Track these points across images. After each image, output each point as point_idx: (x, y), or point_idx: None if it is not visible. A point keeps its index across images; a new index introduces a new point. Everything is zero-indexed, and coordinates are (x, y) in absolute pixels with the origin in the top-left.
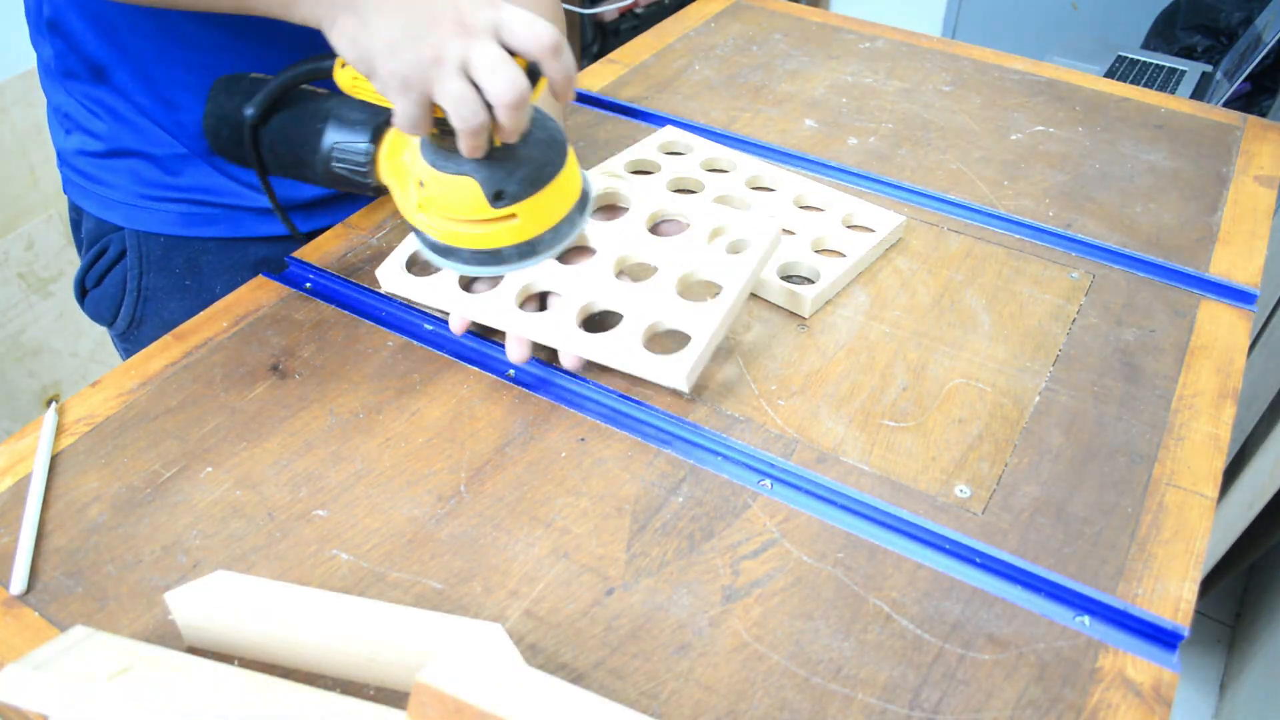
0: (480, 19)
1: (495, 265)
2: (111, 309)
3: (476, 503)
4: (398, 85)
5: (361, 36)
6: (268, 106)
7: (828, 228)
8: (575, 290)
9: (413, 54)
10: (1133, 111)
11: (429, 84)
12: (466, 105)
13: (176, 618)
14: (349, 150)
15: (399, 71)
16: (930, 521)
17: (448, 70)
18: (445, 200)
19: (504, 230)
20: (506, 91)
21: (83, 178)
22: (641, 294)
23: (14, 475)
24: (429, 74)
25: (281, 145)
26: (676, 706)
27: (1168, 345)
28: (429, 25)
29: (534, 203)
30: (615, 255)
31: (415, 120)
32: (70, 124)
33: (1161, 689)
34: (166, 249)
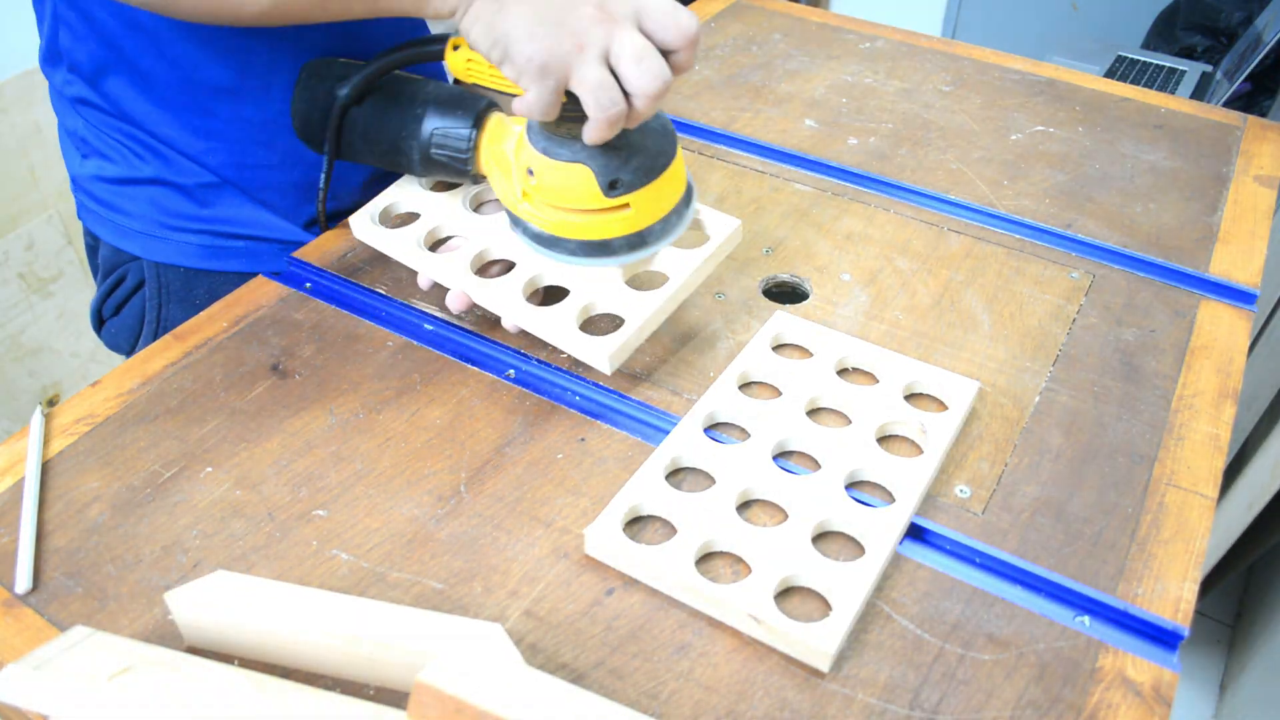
0: (622, 6)
1: (603, 257)
2: (130, 340)
3: (476, 503)
4: (535, 71)
5: (499, 21)
6: (363, 90)
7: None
8: (528, 264)
9: (553, 40)
10: (1133, 111)
11: (568, 70)
12: (607, 94)
13: (176, 618)
14: (451, 136)
15: (538, 57)
16: (930, 521)
17: (589, 57)
18: (557, 188)
19: (615, 220)
20: (651, 83)
21: (99, 204)
22: (589, 275)
23: (14, 475)
24: (569, 60)
25: (376, 130)
26: (676, 706)
27: (1168, 345)
28: (569, 10)
29: (647, 192)
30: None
31: (547, 106)
32: (86, 148)
33: (1161, 689)
34: (187, 280)
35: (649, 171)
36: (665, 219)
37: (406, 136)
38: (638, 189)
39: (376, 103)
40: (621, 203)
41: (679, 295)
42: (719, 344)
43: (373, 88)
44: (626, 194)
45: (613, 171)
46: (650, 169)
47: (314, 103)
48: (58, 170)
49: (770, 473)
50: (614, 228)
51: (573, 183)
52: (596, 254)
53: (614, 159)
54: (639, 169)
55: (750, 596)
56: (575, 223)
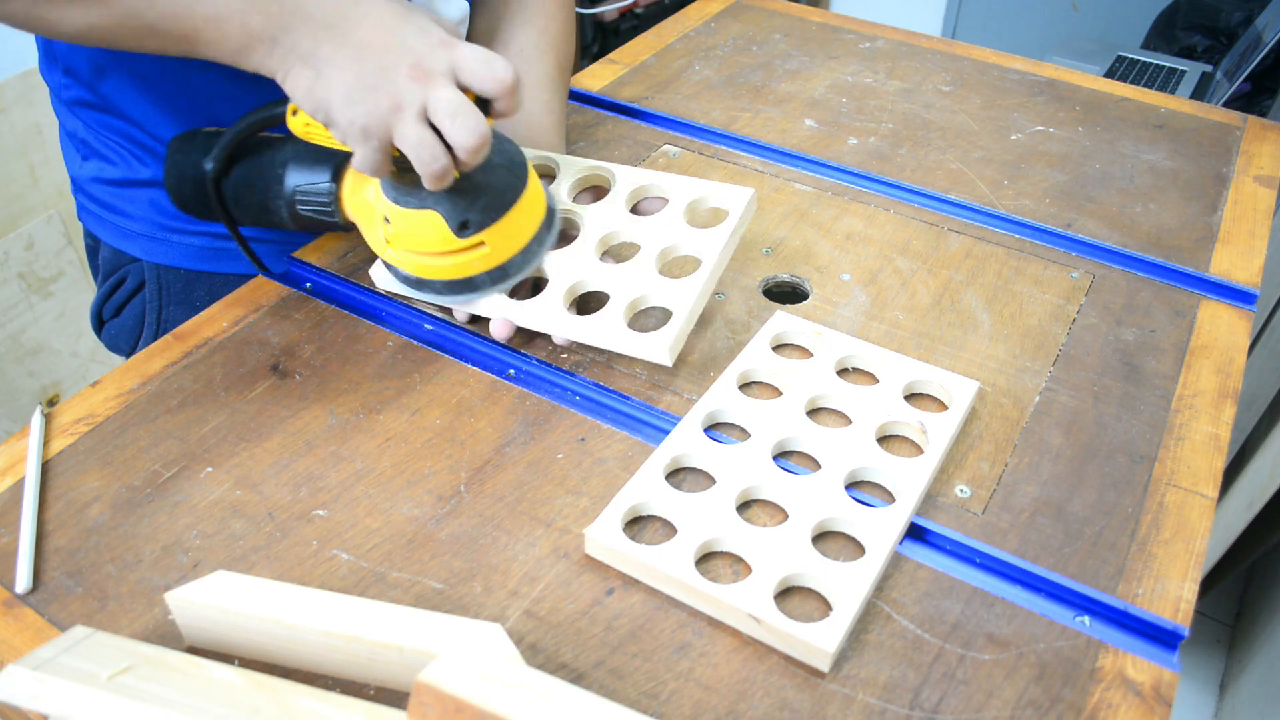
0: (437, 62)
1: (470, 293)
2: (130, 341)
3: (476, 503)
4: (357, 134)
5: (317, 88)
6: (226, 158)
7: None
8: (563, 274)
9: (371, 103)
10: (1133, 111)
11: (388, 131)
12: (427, 149)
13: (176, 618)
14: (312, 192)
15: (358, 121)
16: (930, 521)
17: (407, 116)
18: (411, 235)
19: (474, 259)
20: (468, 138)
21: (99, 206)
22: (625, 274)
23: (14, 475)
24: (388, 121)
25: (245, 195)
26: (676, 706)
27: (1168, 345)
28: (385, 73)
29: (500, 228)
30: (599, 236)
31: (376, 165)
32: (86, 150)
33: (1161, 689)
34: (187, 281)
35: (497, 208)
36: (525, 249)
37: (273, 196)
38: (489, 226)
39: (242, 168)
40: (476, 241)
41: (715, 274)
42: (719, 344)
43: (236, 154)
44: (478, 233)
45: (461, 213)
46: (499, 205)
47: (184, 178)
48: (58, 170)
49: (770, 473)
50: (474, 265)
51: (425, 228)
52: (462, 290)
53: (460, 201)
54: (487, 207)
55: (750, 596)
56: (436, 264)
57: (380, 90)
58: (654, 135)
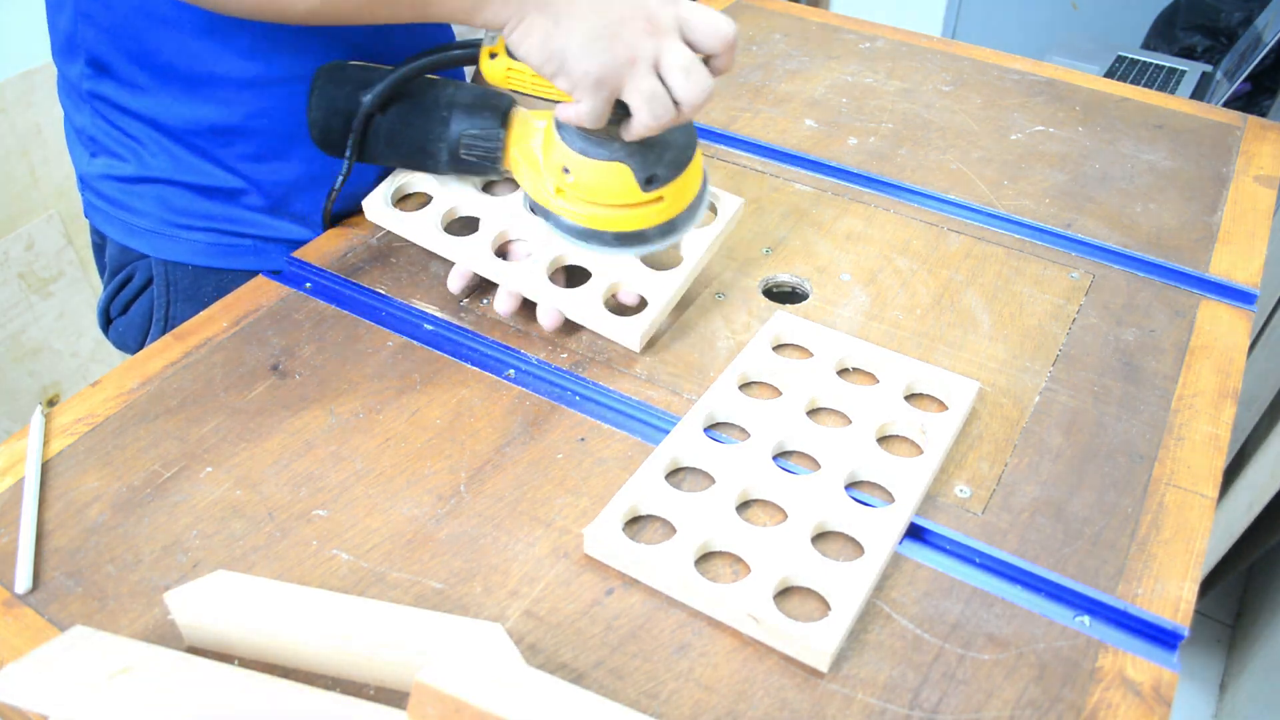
0: (667, 17)
1: (639, 245)
2: (137, 339)
3: (476, 503)
4: (591, 83)
5: (555, 36)
6: (388, 97)
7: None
8: (550, 246)
9: (608, 54)
10: (1133, 111)
11: (622, 82)
12: (659, 103)
13: (176, 618)
14: (481, 137)
15: (594, 71)
16: (930, 521)
17: (641, 70)
18: (595, 186)
19: (650, 212)
20: (699, 94)
21: (107, 202)
22: (609, 258)
23: (14, 475)
24: (623, 73)
25: (401, 134)
26: (676, 706)
27: (1168, 345)
28: (621, 25)
29: (678, 184)
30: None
31: (599, 115)
32: (95, 147)
33: (1161, 689)
34: (195, 278)
35: (680, 165)
36: (691, 205)
37: (434, 139)
38: (671, 181)
39: (401, 108)
40: (656, 196)
41: (695, 272)
42: (719, 344)
43: (397, 94)
44: (663, 186)
45: (649, 168)
46: (681, 162)
47: (333, 110)
48: (58, 170)
49: (770, 473)
50: (648, 218)
51: (611, 180)
52: (631, 244)
53: (649, 155)
54: (671, 163)
55: (750, 596)
56: (611, 216)
57: (618, 42)
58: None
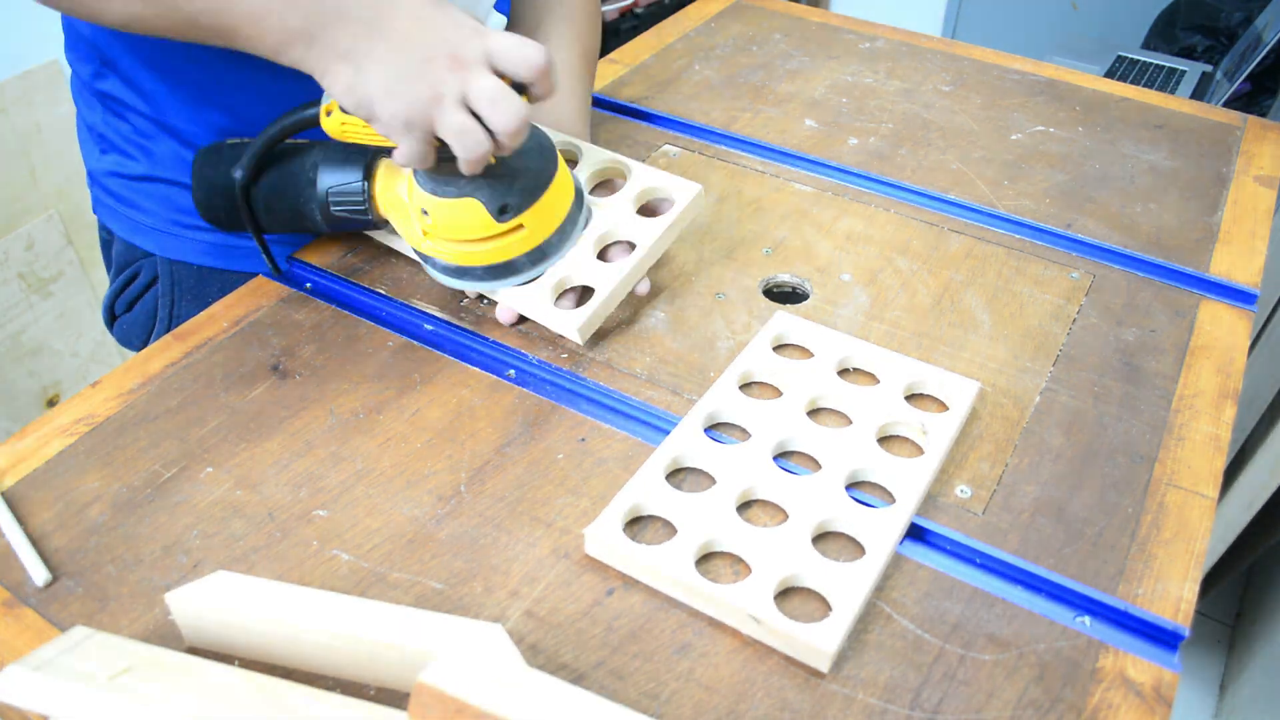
0: (472, 50)
1: (511, 276)
2: (142, 336)
3: (476, 503)
4: (400, 126)
5: (357, 83)
6: (256, 166)
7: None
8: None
9: (412, 94)
10: (1133, 111)
11: (430, 121)
12: (470, 136)
13: (176, 618)
14: (345, 192)
15: (400, 113)
16: (931, 521)
17: (448, 105)
18: (451, 224)
19: (513, 241)
20: (509, 122)
21: (114, 199)
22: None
23: (14, 475)
24: (430, 112)
25: (276, 201)
26: (677, 707)
27: (1168, 345)
28: (424, 64)
29: (537, 210)
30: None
31: (419, 155)
32: (105, 144)
33: (1162, 689)
34: (200, 278)
35: (534, 190)
36: (560, 229)
37: (305, 200)
38: (527, 209)
39: (272, 176)
40: (515, 224)
41: (645, 263)
42: (719, 344)
43: (265, 162)
44: (517, 215)
45: (500, 198)
46: (535, 187)
47: (214, 190)
48: (58, 170)
49: (770, 473)
50: (514, 248)
51: (465, 216)
52: (503, 275)
53: (499, 186)
54: (524, 190)
55: (750, 597)
56: (477, 251)
57: (421, 81)
58: (654, 135)
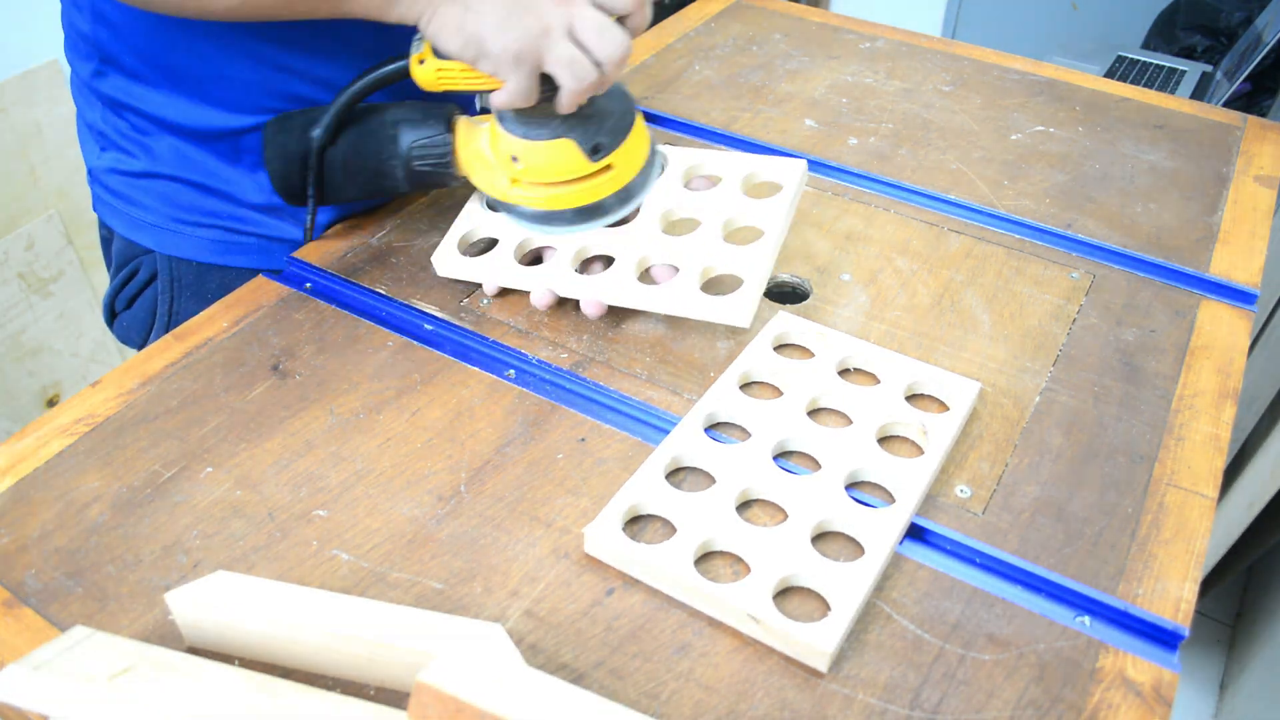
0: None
1: (599, 218)
2: (142, 333)
3: (476, 503)
4: (511, 60)
5: (468, 22)
6: (336, 127)
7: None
8: (630, 249)
9: (521, 28)
10: (1133, 111)
11: (540, 53)
12: (580, 66)
13: (176, 618)
14: (430, 145)
15: (511, 47)
16: (930, 521)
17: (556, 38)
18: (545, 166)
19: (603, 182)
20: (616, 50)
21: (114, 196)
22: (690, 245)
23: (14, 475)
24: (539, 44)
25: (356, 161)
26: (677, 706)
27: (1168, 345)
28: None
29: (625, 149)
30: (659, 213)
31: (527, 91)
32: (105, 142)
33: (1162, 689)
34: (199, 274)
35: (622, 130)
36: (643, 170)
37: (387, 158)
38: (616, 148)
39: (350, 137)
40: (605, 164)
41: (779, 242)
42: (719, 344)
43: (343, 124)
44: (608, 155)
45: (593, 137)
46: (622, 127)
47: (289, 156)
48: (58, 170)
49: (770, 473)
50: (602, 189)
51: (559, 157)
52: (591, 217)
53: (590, 126)
54: (614, 130)
55: (749, 596)
56: (567, 193)
57: (529, 15)
58: (654, 135)
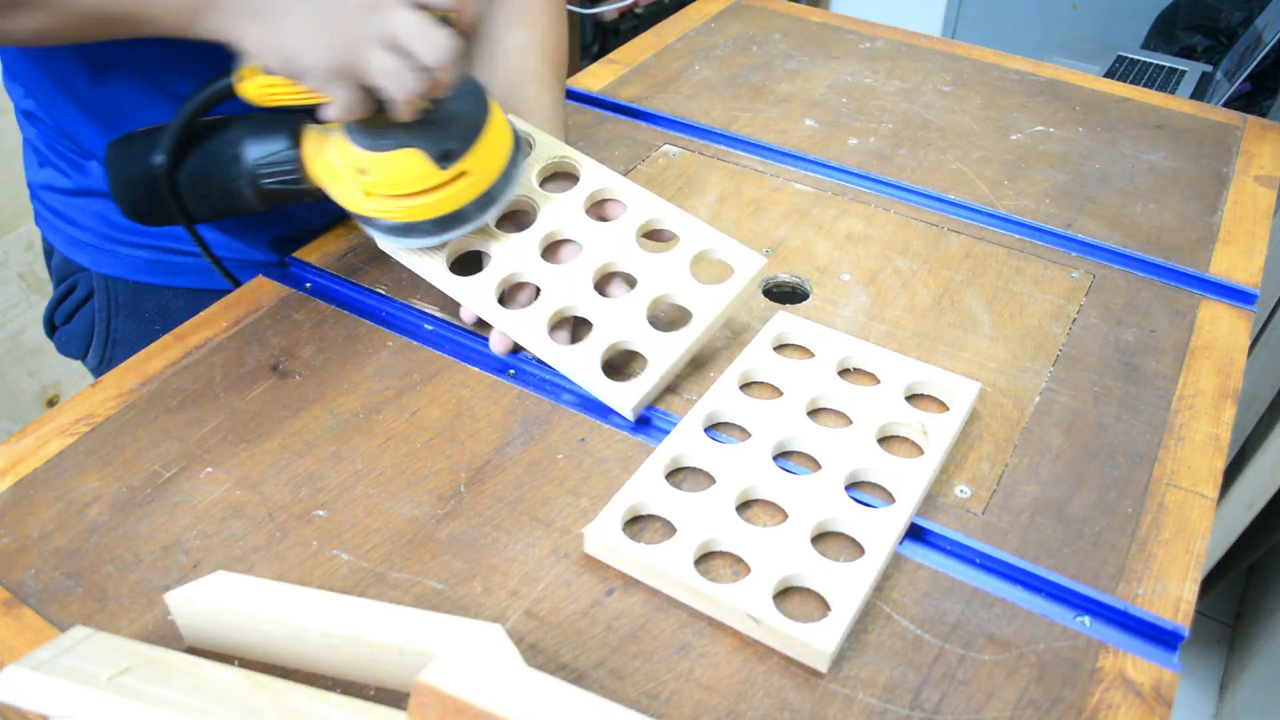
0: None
1: (460, 226)
2: (81, 347)
3: (476, 503)
4: (327, 76)
5: (274, 39)
6: (176, 149)
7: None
8: (556, 293)
9: (331, 42)
10: (1133, 111)
11: (357, 66)
12: (401, 76)
13: (176, 618)
14: (274, 162)
15: (324, 62)
16: (930, 521)
17: (372, 47)
18: (394, 178)
19: (459, 189)
20: (440, 54)
21: (51, 213)
22: (613, 310)
23: (14, 475)
24: (354, 56)
25: (203, 183)
26: (677, 707)
27: (1168, 345)
28: (338, 9)
29: (479, 152)
30: (601, 261)
31: (354, 105)
32: (41, 157)
33: (1162, 689)
34: (136, 293)
35: (473, 132)
36: (505, 173)
37: (234, 177)
38: (468, 152)
39: (196, 157)
40: (458, 171)
41: (704, 336)
42: (719, 344)
43: (186, 144)
44: (460, 160)
45: (440, 143)
46: (473, 130)
47: (132, 182)
48: None
49: (770, 473)
50: (460, 196)
51: (407, 167)
52: (453, 225)
53: (436, 131)
54: (464, 133)
55: (749, 596)
56: (422, 204)
57: (339, 26)
58: (654, 135)
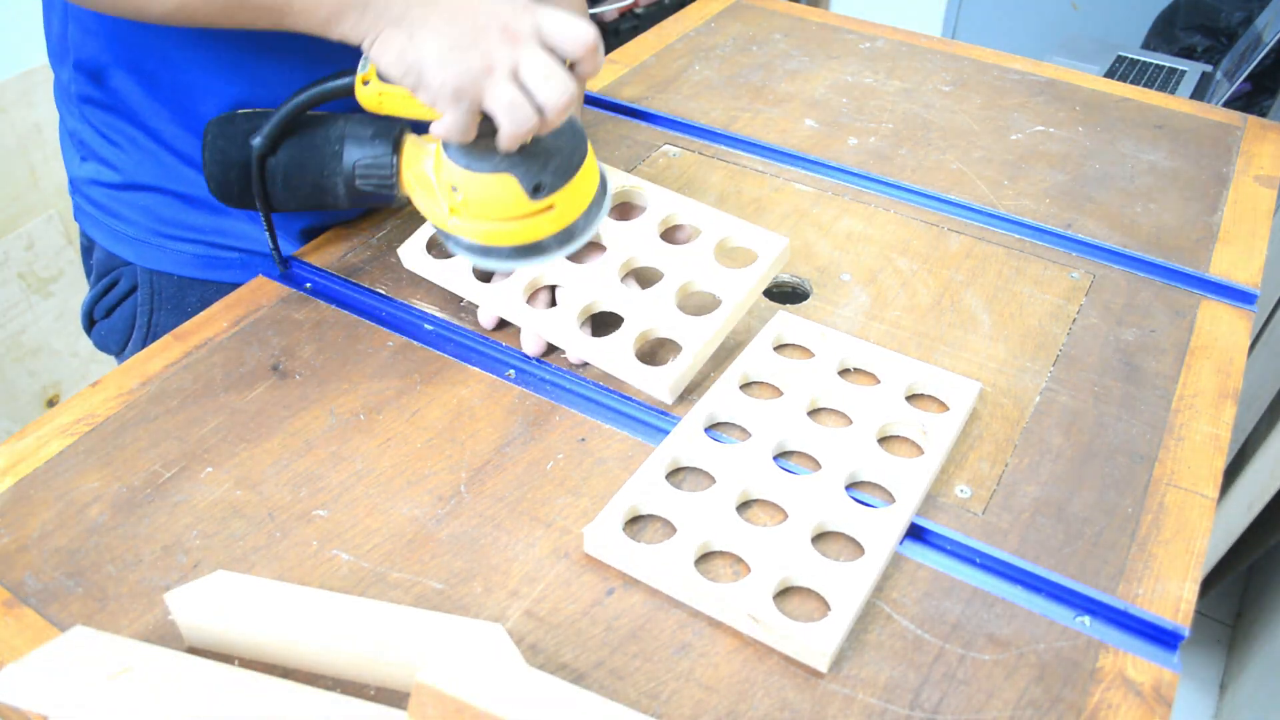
0: (524, 25)
1: (537, 256)
2: (119, 343)
3: (476, 503)
4: (449, 95)
5: (409, 50)
6: (277, 137)
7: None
8: (581, 289)
9: (464, 64)
10: (1133, 111)
11: (481, 92)
12: (520, 111)
13: (176, 618)
14: (374, 165)
15: (450, 82)
16: (931, 521)
17: (499, 78)
18: (484, 200)
19: (543, 221)
20: (560, 98)
21: (95, 208)
22: (642, 301)
23: (14, 475)
24: (480, 82)
25: (297, 173)
26: (677, 706)
27: (1168, 345)
28: (476, 35)
29: (569, 190)
30: (624, 257)
31: (464, 127)
32: (86, 150)
33: (1162, 689)
34: (180, 288)
35: (567, 170)
36: (587, 211)
37: (329, 174)
38: (560, 188)
39: (292, 147)
40: (547, 204)
41: (733, 318)
42: (719, 344)
43: (286, 133)
44: (550, 195)
45: (534, 176)
46: (568, 168)
47: (227, 162)
48: (58, 170)
49: (770, 473)
50: (542, 228)
51: (499, 192)
52: (530, 255)
53: (534, 164)
54: (558, 170)
55: (749, 596)
56: (506, 230)
57: (474, 51)
58: (654, 135)
